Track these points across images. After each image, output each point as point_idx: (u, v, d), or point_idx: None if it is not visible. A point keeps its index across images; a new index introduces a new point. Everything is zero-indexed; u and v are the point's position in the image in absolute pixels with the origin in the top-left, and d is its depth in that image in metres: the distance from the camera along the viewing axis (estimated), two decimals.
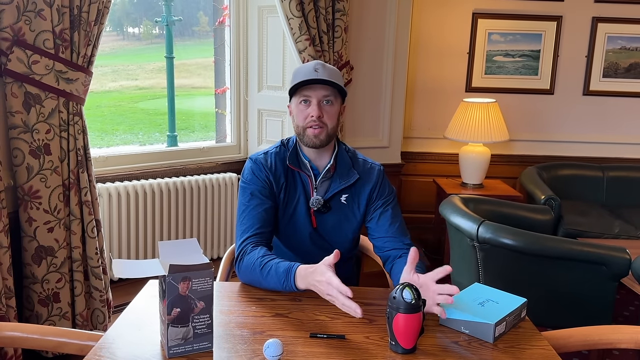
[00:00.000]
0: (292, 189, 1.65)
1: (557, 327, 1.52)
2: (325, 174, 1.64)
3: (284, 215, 1.66)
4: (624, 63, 4.13)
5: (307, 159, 1.64)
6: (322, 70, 1.56)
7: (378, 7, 3.46)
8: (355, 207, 1.67)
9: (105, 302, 2.56)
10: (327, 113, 1.58)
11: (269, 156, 1.66)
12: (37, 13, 2.16)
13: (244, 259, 1.52)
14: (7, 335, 1.38)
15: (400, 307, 1.19)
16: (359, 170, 1.67)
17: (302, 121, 1.59)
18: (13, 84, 2.19)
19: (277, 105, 3.39)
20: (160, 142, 4.01)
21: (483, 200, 2.93)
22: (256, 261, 1.48)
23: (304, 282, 1.38)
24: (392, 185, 1.75)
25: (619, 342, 1.42)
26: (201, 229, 3.29)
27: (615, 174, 3.98)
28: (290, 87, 1.59)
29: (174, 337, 1.15)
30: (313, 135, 1.57)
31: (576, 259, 2.31)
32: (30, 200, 2.28)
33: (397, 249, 1.62)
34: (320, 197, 1.64)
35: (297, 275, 1.39)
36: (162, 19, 3.43)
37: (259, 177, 1.62)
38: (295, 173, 1.65)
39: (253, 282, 1.51)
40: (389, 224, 1.65)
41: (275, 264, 1.45)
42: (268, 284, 1.46)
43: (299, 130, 1.60)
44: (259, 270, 1.47)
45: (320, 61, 1.60)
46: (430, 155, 4.19)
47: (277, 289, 1.45)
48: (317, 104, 1.56)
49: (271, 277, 1.44)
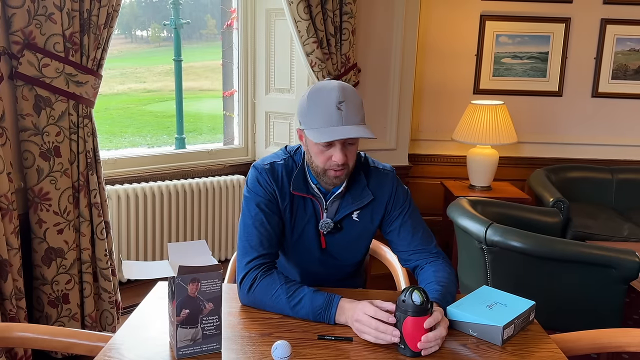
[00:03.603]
0: (301, 209, 1.52)
1: (566, 330, 1.52)
2: (337, 195, 1.51)
3: (292, 236, 1.54)
4: (633, 65, 4.10)
5: (314, 182, 1.50)
6: (347, 108, 1.36)
7: (386, 9, 3.46)
8: (369, 222, 1.56)
9: (114, 303, 2.58)
10: (350, 154, 1.42)
11: (276, 168, 1.50)
12: (47, 17, 2.18)
13: (259, 283, 1.39)
14: (18, 336, 1.39)
15: (409, 310, 1.19)
16: (374, 186, 1.54)
17: (322, 162, 1.42)
18: (24, 87, 2.22)
19: (285, 108, 3.40)
20: (168, 145, 4.02)
21: (491, 202, 2.92)
22: (280, 288, 1.37)
23: (343, 317, 1.32)
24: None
25: (628, 345, 1.41)
26: (209, 230, 3.30)
27: (625, 176, 3.95)
28: (306, 121, 1.42)
29: (183, 338, 1.16)
30: (334, 177, 1.43)
31: (585, 261, 2.29)
32: (41, 202, 2.30)
33: (423, 259, 1.54)
34: (330, 219, 1.51)
35: (339, 312, 1.32)
36: (170, 22, 3.45)
37: (266, 189, 1.48)
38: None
39: (266, 306, 1.39)
40: (411, 235, 1.54)
41: (310, 293, 1.35)
42: (295, 314, 1.35)
43: (318, 170, 1.44)
44: (284, 297, 1.35)
45: (340, 89, 1.37)
46: (437, 158, 4.18)
47: (304, 317, 1.35)
48: (341, 149, 1.39)
49: (302, 306, 1.34)
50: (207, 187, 3.24)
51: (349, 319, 1.30)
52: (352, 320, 1.29)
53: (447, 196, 3.81)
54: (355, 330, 1.28)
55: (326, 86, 1.40)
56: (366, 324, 1.25)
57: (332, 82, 1.41)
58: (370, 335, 1.24)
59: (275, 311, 1.38)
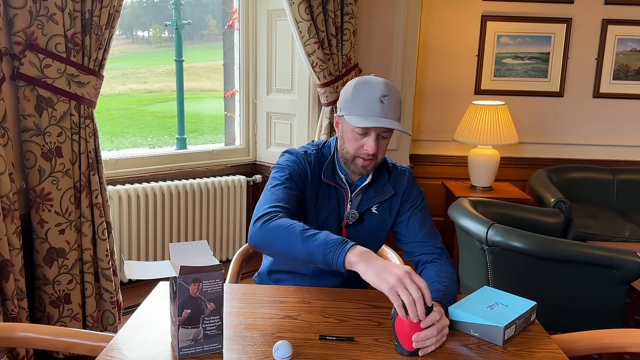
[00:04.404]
0: (326, 198, 1.58)
1: (567, 331, 1.52)
2: (362, 187, 1.59)
3: (314, 223, 1.54)
4: (635, 65, 4.10)
5: (343, 173, 1.58)
6: (388, 102, 1.45)
7: (387, 10, 3.46)
8: (387, 215, 1.62)
9: (116, 303, 2.58)
10: (381, 147, 1.51)
11: (309, 154, 1.58)
12: (49, 17, 2.19)
13: (276, 219, 1.37)
14: (20, 336, 1.39)
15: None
16: (393, 182, 1.62)
17: (354, 150, 1.50)
18: (25, 88, 2.22)
19: (286, 108, 3.40)
20: (169, 145, 4.03)
21: (492, 203, 2.92)
22: (298, 223, 1.33)
23: (361, 264, 1.21)
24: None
25: (629, 346, 1.41)
26: (210, 231, 3.31)
27: (626, 176, 3.95)
28: (347, 107, 1.49)
29: (185, 338, 1.16)
30: (362, 165, 1.51)
31: (586, 262, 2.29)
32: (42, 202, 2.30)
33: (427, 253, 1.57)
34: (355, 210, 1.58)
35: (355, 249, 1.24)
36: (171, 22, 3.45)
37: (300, 168, 1.55)
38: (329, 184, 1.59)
39: (276, 241, 1.35)
40: (418, 227, 1.59)
41: (326, 233, 1.30)
42: (304, 247, 1.28)
43: (348, 156, 1.52)
44: (299, 229, 1.31)
45: (386, 84, 1.47)
46: (439, 158, 4.18)
47: (312, 255, 1.28)
48: (375, 139, 1.47)
49: (316, 239, 1.27)
50: (209, 187, 3.25)
51: (379, 269, 1.19)
52: (397, 272, 1.17)
53: (448, 196, 3.81)
54: (390, 279, 1.17)
55: (373, 80, 1.50)
56: (415, 283, 1.17)
57: (378, 78, 1.51)
58: (408, 299, 1.15)
59: (283, 247, 1.33)
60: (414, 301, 1.15)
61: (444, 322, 1.24)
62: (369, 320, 1.36)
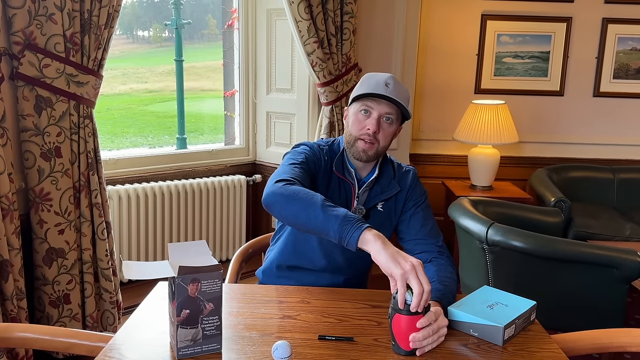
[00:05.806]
0: (336, 191, 1.60)
1: (567, 330, 1.51)
2: (369, 183, 1.60)
3: None
4: (635, 64, 4.10)
5: (352, 167, 1.60)
6: (393, 87, 1.50)
7: (386, 9, 3.46)
8: (392, 213, 1.63)
9: (115, 303, 2.58)
10: (383, 131, 1.53)
11: (322, 148, 1.62)
12: (48, 17, 2.19)
13: (294, 186, 1.37)
14: (19, 336, 1.39)
15: (402, 309, 1.18)
16: (399, 180, 1.64)
17: (356, 130, 1.54)
18: (24, 87, 2.22)
19: (286, 108, 3.40)
20: (169, 145, 4.03)
21: (492, 202, 2.92)
22: (318, 194, 1.32)
23: (377, 243, 1.20)
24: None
25: (630, 345, 1.40)
26: (210, 231, 3.31)
27: (626, 175, 3.95)
28: (355, 93, 1.55)
29: (184, 339, 1.16)
30: (362, 149, 1.53)
31: (586, 261, 2.29)
32: (41, 202, 2.30)
33: (427, 251, 1.56)
34: (362, 206, 1.60)
35: (373, 230, 1.23)
36: (171, 22, 3.45)
37: (315, 156, 1.58)
38: (339, 178, 1.61)
39: (294, 201, 1.33)
40: (420, 225, 1.60)
41: (345, 210, 1.28)
42: (322, 213, 1.27)
43: (350, 139, 1.56)
44: (320, 199, 1.30)
45: (392, 77, 1.54)
46: (439, 157, 4.18)
47: (327, 223, 1.26)
48: (377, 118, 1.52)
49: (336, 210, 1.27)
50: (208, 187, 3.25)
51: (394, 252, 1.19)
52: (412, 261, 1.18)
53: (449, 196, 3.81)
54: (405, 265, 1.17)
55: (380, 73, 1.58)
56: (425, 277, 1.17)
57: (386, 73, 1.58)
58: (419, 288, 1.15)
59: (299, 209, 1.31)
60: (422, 291, 1.16)
61: (442, 322, 1.24)
62: (369, 320, 1.36)
